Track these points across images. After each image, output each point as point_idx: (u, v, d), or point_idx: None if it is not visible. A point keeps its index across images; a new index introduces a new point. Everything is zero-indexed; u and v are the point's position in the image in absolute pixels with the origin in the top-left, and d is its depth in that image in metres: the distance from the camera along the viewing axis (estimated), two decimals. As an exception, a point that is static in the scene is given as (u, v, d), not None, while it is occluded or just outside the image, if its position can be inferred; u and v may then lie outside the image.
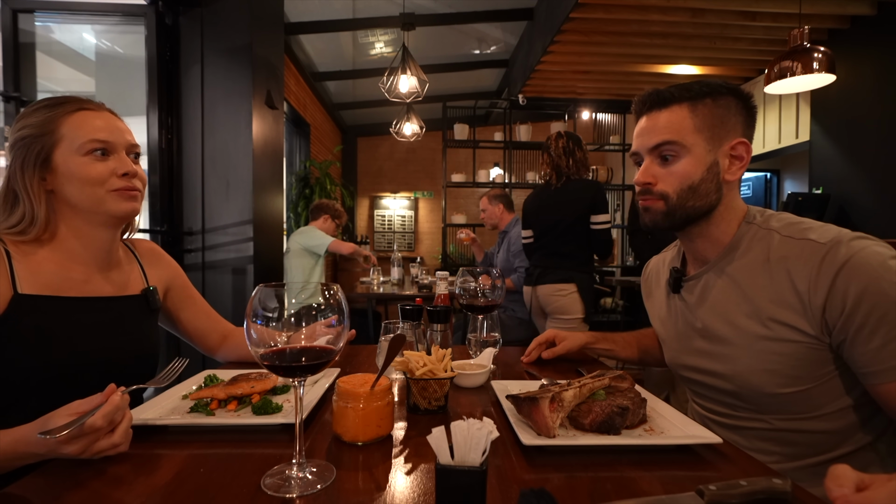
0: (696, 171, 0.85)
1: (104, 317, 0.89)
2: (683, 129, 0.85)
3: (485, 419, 0.53)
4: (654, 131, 0.88)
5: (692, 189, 0.85)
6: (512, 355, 1.27)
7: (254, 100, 2.35)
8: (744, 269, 0.86)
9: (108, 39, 2.67)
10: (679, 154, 0.86)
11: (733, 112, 0.86)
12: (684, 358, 0.97)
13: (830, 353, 0.78)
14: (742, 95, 0.88)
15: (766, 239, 0.84)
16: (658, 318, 1.08)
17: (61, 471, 0.61)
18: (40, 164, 0.83)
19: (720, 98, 0.86)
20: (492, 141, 5.37)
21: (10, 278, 0.80)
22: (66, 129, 0.84)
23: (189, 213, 2.30)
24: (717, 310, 0.89)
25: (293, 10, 4.23)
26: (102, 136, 0.85)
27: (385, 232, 8.02)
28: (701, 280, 0.93)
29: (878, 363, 0.71)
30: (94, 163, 0.84)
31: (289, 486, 0.57)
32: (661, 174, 0.88)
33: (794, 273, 0.78)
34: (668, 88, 0.88)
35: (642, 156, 0.91)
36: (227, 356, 1.15)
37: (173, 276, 1.09)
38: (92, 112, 0.87)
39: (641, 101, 0.91)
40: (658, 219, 0.89)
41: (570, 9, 3.49)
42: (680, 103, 0.86)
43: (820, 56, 2.64)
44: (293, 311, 0.60)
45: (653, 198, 0.89)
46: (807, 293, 0.76)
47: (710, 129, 0.85)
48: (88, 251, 0.89)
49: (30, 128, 0.83)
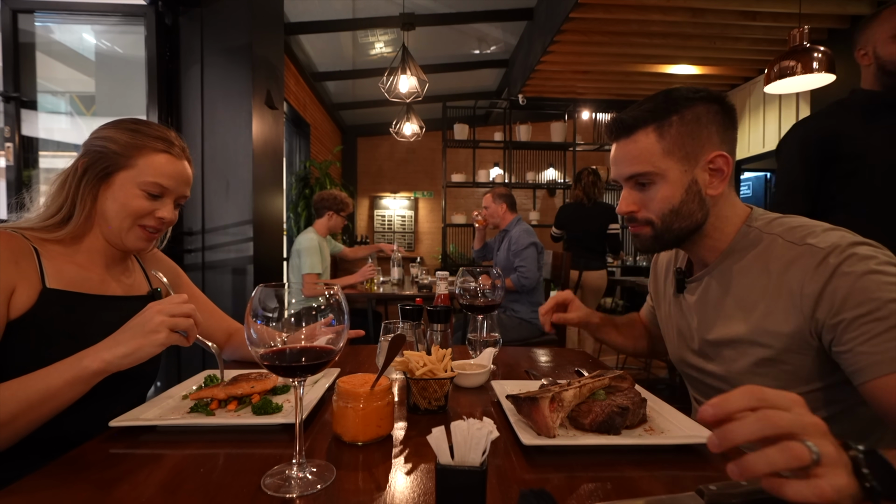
0: (674, 194, 0.83)
1: (118, 315, 0.92)
2: (652, 155, 0.82)
3: (485, 419, 0.53)
4: (624, 161, 0.86)
5: (674, 212, 0.84)
6: (512, 355, 1.27)
7: (254, 100, 2.35)
8: (741, 272, 0.85)
9: (107, 39, 2.67)
10: (654, 180, 0.84)
11: (705, 123, 0.82)
12: (684, 355, 0.98)
13: (823, 357, 0.77)
14: (713, 99, 0.83)
15: (766, 243, 0.83)
16: (662, 313, 1.09)
17: (62, 471, 0.61)
18: (103, 176, 0.88)
19: (687, 112, 0.82)
20: (492, 141, 5.37)
21: (40, 273, 0.82)
22: (143, 162, 0.89)
23: (189, 213, 2.30)
24: (714, 312, 0.89)
25: (293, 10, 4.23)
26: (165, 183, 0.90)
27: (385, 232, 8.02)
28: (702, 282, 0.92)
29: (863, 360, 0.70)
30: (142, 199, 0.89)
31: (289, 486, 0.57)
32: (642, 200, 0.86)
33: (792, 277, 0.77)
34: (631, 112, 0.85)
35: (620, 182, 0.90)
36: (232, 354, 1.15)
37: (173, 277, 1.11)
38: (173, 158, 0.92)
39: (609, 129, 0.89)
40: (648, 244, 0.89)
41: (570, 9, 3.49)
42: (645, 128, 0.83)
43: (820, 56, 2.64)
44: (293, 311, 0.60)
45: (639, 224, 0.88)
46: (799, 296, 0.75)
47: (682, 148, 0.82)
48: (106, 257, 0.93)
49: (115, 144, 0.88)
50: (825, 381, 0.79)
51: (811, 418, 0.41)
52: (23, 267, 0.80)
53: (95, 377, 0.72)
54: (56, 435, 0.78)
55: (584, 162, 6.26)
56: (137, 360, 0.73)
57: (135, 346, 0.72)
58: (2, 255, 0.78)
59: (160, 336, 0.74)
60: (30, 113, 2.28)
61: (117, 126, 0.90)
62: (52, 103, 2.64)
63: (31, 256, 0.82)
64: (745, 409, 0.41)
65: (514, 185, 5.31)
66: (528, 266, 2.83)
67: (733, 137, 0.85)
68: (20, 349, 0.78)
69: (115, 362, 0.72)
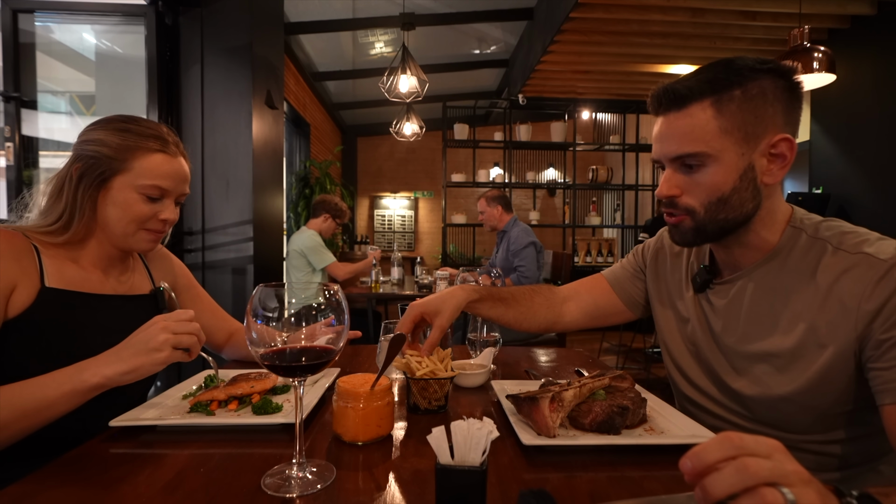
0: (726, 180, 0.72)
1: (119, 314, 0.92)
2: (707, 133, 0.71)
3: (485, 419, 0.52)
4: (672, 139, 0.74)
5: (722, 201, 0.73)
6: (512, 355, 1.27)
7: (254, 100, 2.35)
8: (785, 279, 0.76)
9: (108, 39, 2.67)
10: (705, 163, 0.72)
11: (770, 100, 0.70)
12: (692, 360, 0.90)
13: (857, 376, 0.71)
14: (781, 73, 0.71)
15: (815, 249, 0.74)
16: (663, 309, 0.98)
17: (62, 471, 0.61)
18: (100, 182, 0.86)
19: (752, 84, 0.70)
20: (492, 141, 5.37)
21: (39, 272, 0.82)
22: (138, 164, 0.86)
23: (189, 213, 2.30)
24: (747, 320, 0.80)
25: (293, 10, 4.23)
26: (164, 185, 0.88)
27: (385, 232, 8.02)
28: (735, 285, 0.82)
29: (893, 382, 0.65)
30: (143, 203, 0.87)
31: (289, 485, 0.57)
32: (686, 184, 0.75)
33: (846, 289, 0.69)
34: (686, 81, 0.73)
35: (663, 163, 0.78)
36: (233, 353, 1.15)
37: (178, 275, 1.11)
38: (168, 157, 0.90)
39: (657, 100, 0.76)
40: (688, 237, 0.79)
41: (570, 9, 3.49)
42: (701, 100, 0.71)
43: (820, 56, 2.64)
44: (293, 310, 0.60)
45: (678, 213, 0.78)
46: (855, 311, 0.68)
47: (742, 128, 0.71)
48: (108, 258, 0.93)
49: (107, 147, 0.85)
50: (850, 403, 0.73)
51: (793, 465, 0.39)
52: (24, 265, 0.80)
53: (93, 391, 0.71)
54: (56, 435, 0.77)
55: (585, 162, 6.27)
56: (138, 377, 0.73)
57: (136, 363, 0.72)
58: (3, 252, 0.78)
59: (163, 355, 0.73)
60: (30, 113, 2.28)
61: (106, 127, 0.87)
62: (53, 103, 2.64)
63: (32, 255, 0.82)
64: (723, 458, 0.38)
65: (514, 185, 5.31)
66: (528, 265, 2.85)
67: (798, 119, 0.74)
68: (19, 348, 0.77)
69: (116, 378, 0.72)
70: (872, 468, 0.79)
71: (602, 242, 5.24)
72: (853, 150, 3.65)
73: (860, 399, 0.72)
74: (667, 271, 0.99)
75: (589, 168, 5.44)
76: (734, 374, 0.82)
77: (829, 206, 3.72)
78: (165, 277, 1.07)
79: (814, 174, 4.02)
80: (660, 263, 1.01)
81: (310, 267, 3.17)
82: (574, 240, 5.18)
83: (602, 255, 5.16)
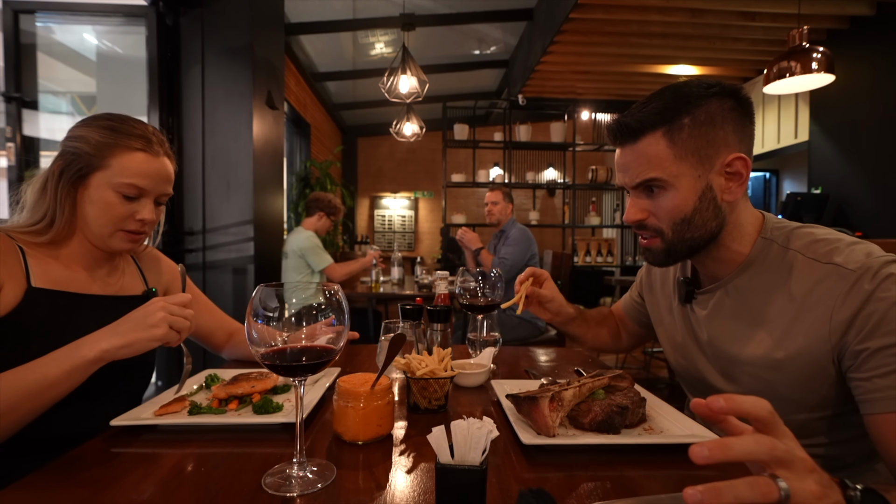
0: (686, 202, 0.75)
1: (109, 315, 0.90)
2: (663, 161, 0.74)
3: (485, 418, 0.53)
4: (631, 168, 0.78)
5: (686, 221, 0.76)
6: (512, 355, 1.27)
7: (254, 100, 2.35)
8: (759, 290, 0.78)
9: (108, 40, 2.68)
10: (664, 186, 0.76)
11: (720, 123, 0.73)
12: (687, 366, 0.94)
13: (839, 383, 0.72)
14: (727, 93, 0.74)
15: (786, 260, 0.76)
16: (659, 321, 1.04)
17: (61, 471, 0.61)
18: (77, 179, 0.85)
19: (699, 111, 0.73)
20: (492, 141, 5.37)
21: (25, 272, 0.81)
22: (116, 162, 0.85)
23: (190, 213, 2.30)
24: (727, 329, 0.83)
25: (293, 10, 4.23)
26: (141, 184, 0.86)
27: (385, 232, 8.02)
28: (714, 295, 0.85)
29: (878, 392, 0.65)
30: (120, 202, 0.86)
31: (289, 485, 0.57)
32: (651, 206, 0.79)
33: (818, 301, 0.70)
34: (638, 113, 0.76)
35: (627, 189, 0.83)
36: (232, 354, 1.15)
37: (173, 278, 1.10)
38: (149, 156, 0.88)
39: (612, 133, 0.80)
40: (661, 258, 0.82)
41: (569, 9, 3.49)
42: (653, 131, 0.74)
43: (819, 56, 2.65)
44: (294, 310, 0.60)
45: (649, 235, 0.81)
46: (828, 323, 0.69)
47: (695, 152, 0.73)
48: (92, 258, 0.92)
49: (87, 145, 0.84)
50: (832, 408, 0.74)
51: (802, 453, 0.40)
52: (9, 265, 0.79)
53: (92, 366, 0.72)
54: (55, 435, 0.78)
55: (584, 162, 6.27)
56: (134, 352, 0.73)
57: (133, 338, 0.73)
58: None
59: (159, 331, 0.74)
60: (31, 113, 2.28)
61: (91, 124, 0.86)
62: (54, 103, 2.64)
63: (17, 255, 0.81)
64: (755, 416, 0.40)
65: (514, 185, 5.31)
66: (511, 258, 2.89)
67: (751, 135, 0.77)
68: (6, 348, 0.77)
69: (112, 352, 0.72)
70: (869, 467, 0.80)
71: (602, 242, 5.24)
72: (852, 151, 3.66)
73: (847, 402, 0.72)
74: (658, 283, 1.04)
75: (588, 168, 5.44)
76: (723, 380, 0.85)
77: (827, 206, 3.73)
78: (160, 282, 1.06)
79: (813, 174, 4.02)
80: (652, 276, 1.07)
81: (308, 268, 3.16)
82: (574, 240, 5.18)
83: (602, 256, 5.15)
